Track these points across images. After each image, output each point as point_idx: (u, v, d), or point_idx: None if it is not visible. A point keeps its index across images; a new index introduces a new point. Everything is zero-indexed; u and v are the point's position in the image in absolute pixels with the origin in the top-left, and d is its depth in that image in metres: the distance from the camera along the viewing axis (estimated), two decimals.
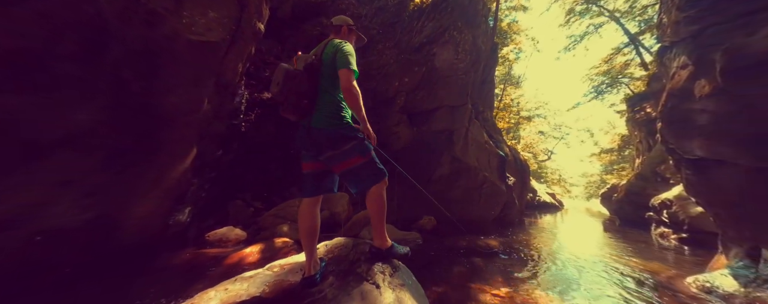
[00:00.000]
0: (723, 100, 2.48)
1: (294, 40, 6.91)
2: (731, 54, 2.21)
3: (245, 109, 5.12)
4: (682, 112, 3.09)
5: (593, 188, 30.14)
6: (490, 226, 6.00)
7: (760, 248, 2.43)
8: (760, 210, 2.50)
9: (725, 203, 2.89)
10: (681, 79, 3.07)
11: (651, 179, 8.73)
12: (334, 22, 1.65)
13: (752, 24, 2.43)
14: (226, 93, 3.95)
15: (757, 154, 2.42)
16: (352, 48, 1.44)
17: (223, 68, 3.43)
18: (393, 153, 5.67)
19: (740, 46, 2.16)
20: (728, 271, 2.53)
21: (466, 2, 6.38)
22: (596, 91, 16.78)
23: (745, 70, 2.14)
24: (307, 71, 1.35)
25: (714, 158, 2.89)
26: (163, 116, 2.83)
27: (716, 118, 2.66)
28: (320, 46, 1.48)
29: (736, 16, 2.62)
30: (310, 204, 1.42)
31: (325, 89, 1.39)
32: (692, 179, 3.27)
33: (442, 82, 5.92)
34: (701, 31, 2.91)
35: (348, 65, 1.34)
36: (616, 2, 14.49)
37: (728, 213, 2.88)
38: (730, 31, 2.61)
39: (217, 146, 4.28)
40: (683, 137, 3.17)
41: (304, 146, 1.40)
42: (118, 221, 2.64)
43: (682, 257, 4.28)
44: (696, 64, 2.87)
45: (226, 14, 3.15)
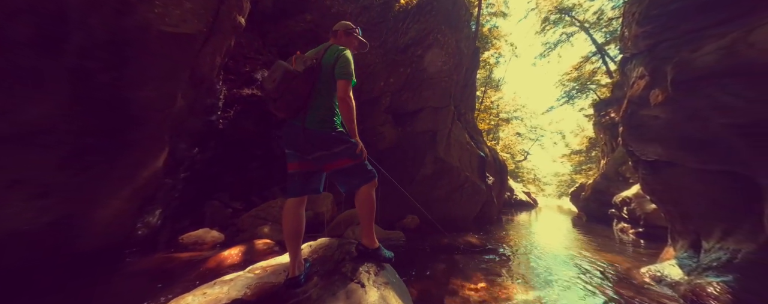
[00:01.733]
0: (673, 108, 2.77)
1: (276, 35, 6.70)
2: (679, 67, 2.48)
3: (223, 105, 4.88)
4: (639, 117, 3.41)
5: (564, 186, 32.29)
6: (470, 224, 6.23)
7: (701, 239, 2.75)
8: (702, 206, 2.83)
9: (675, 199, 3.24)
10: (639, 88, 3.39)
11: (614, 178, 9.51)
12: (333, 27, 1.66)
13: (697, 40, 2.75)
14: (202, 88, 3.75)
15: (700, 157, 2.74)
16: (352, 56, 1.45)
17: (198, 62, 3.26)
18: (378, 153, 5.70)
19: (687, 60, 2.44)
20: (675, 261, 2.85)
21: (450, 7, 6.55)
22: (568, 96, 17.93)
23: (690, 82, 2.42)
24: (306, 74, 1.34)
25: (666, 159, 3.22)
26: (132, 111, 2.64)
27: (668, 124, 2.96)
28: (321, 50, 1.48)
29: (684, 32, 2.94)
30: (295, 204, 1.41)
31: (321, 93, 1.39)
32: (648, 179, 3.62)
33: (426, 84, 6.05)
34: (656, 45, 3.23)
35: (347, 76, 1.36)
36: (585, 14, 15.53)
37: (677, 209, 3.23)
38: (680, 46, 2.93)
39: (192, 144, 4.05)
40: (640, 141, 3.50)
41: (294, 145, 1.39)
42: (81, 224, 2.43)
43: (639, 250, 4.73)
44: (651, 75, 3.18)
45: (203, 5, 2.99)
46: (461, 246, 3.86)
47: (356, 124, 1.44)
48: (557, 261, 3.64)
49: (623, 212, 7.13)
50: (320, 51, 1.47)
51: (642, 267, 3.14)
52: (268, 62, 5.98)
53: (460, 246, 3.79)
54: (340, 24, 1.66)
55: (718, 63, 2.23)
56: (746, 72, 2.06)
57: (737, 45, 2.14)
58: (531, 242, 5.10)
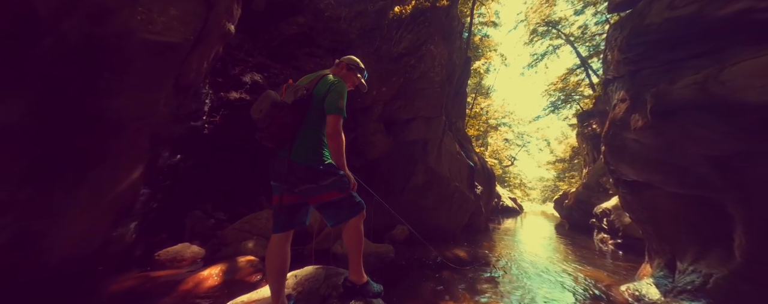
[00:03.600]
0: (652, 134, 2.90)
1: (268, 36, 6.54)
2: (657, 98, 2.60)
3: (209, 110, 4.70)
4: (620, 139, 3.55)
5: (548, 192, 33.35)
6: (458, 234, 6.29)
7: (676, 260, 2.88)
8: (676, 228, 2.97)
9: (651, 219, 3.38)
10: (620, 111, 3.54)
11: (595, 189, 9.89)
12: (341, 58, 1.62)
13: (674, 71, 2.89)
14: (188, 94, 3.60)
15: (676, 181, 2.88)
16: (346, 89, 1.40)
17: (184, 69, 3.12)
18: (370, 162, 5.67)
19: (665, 91, 2.56)
20: (652, 280, 2.96)
21: (443, 18, 6.64)
22: (553, 106, 18.57)
23: (667, 113, 2.54)
24: (296, 106, 1.29)
25: (644, 181, 3.36)
26: (107, 122, 2.49)
27: (647, 148, 3.10)
28: (313, 79, 1.42)
29: (663, 62, 3.10)
30: (281, 241, 1.35)
31: (310, 124, 1.34)
32: (627, 198, 3.77)
33: (418, 94, 6.08)
34: (637, 72, 3.38)
35: (337, 110, 1.31)
36: (571, 27, 16.19)
37: (653, 229, 3.37)
38: (658, 75, 3.08)
39: (174, 152, 3.87)
40: (621, 161, 3.64)
41: (280, 177, 1.33)
42: (45, 242, 2.25)
43: (618, 263, 4.92)
44: (632, 100, 3.32)
45: (190, 13, 2.87)
46: (449, 261, 3.88)
47: (345, 158, 1.40)
48: (543, 279, 3.72)
49: (603, 223, 7.41)
50: (314, 80, 1.41)
51: (622, 285, 3.25)
52: (259, 65, 5.82)
53: (448, 261, 3.81)
54: (349, 58, 1.62)
55: (693, 97, 2.35)
56: (718, 108, 2.19)
57: (709, 82, 2.26)
58: (517, 255, 5.20)
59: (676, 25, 2.88)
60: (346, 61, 1.59)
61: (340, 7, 8.24)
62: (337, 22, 7.61)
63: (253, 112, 1.31)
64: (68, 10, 2.11)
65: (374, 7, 7.78)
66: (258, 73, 5.76)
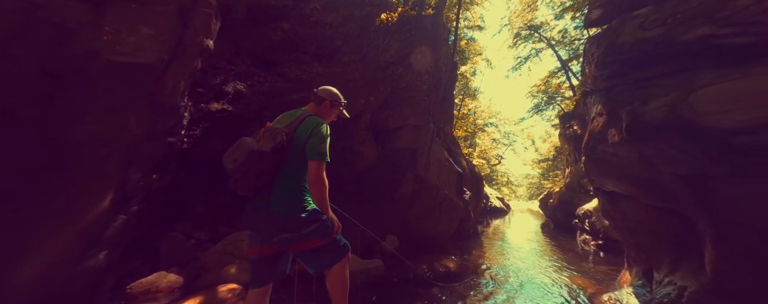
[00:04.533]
0: (628, 149, 3.02)
1: (251, 42, 6.33)
2: (631, 118, 2.71)
3: (189, 122, 4.48)
4: (599, 152, 3.68)
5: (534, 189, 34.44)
6: (448, 241, 6.34)
7: (653, 269, 3.02)
8: (652, 239, 3.11)
9: (629, 229, 3.53)
10: (598, 124, 3.67)
11: (577, 189, 10.27)
12: (319, 93, 1.52)
13: (646, 89, 3.02)
14: (163, 111, 3.41)
15: (650, 195, 3.01)
16: (329, 132, 1.34)
17: (159, 88, 2.96)
18: (358, 173, 5.61)
19: (639, 111, 2.68)
20: (632, 289, 3.09)
21: (429, 26, 6.68)
22: (537, 107, 19.16)
23: (641, 132, 2.66)
24: (275, 152, 1.21)
25: (622, 192, 3.50)
26: (70, 149, 2.31)
27: (623, 162, 3.23)
28: (294, 120, 1.34)
29: (635, 80, 3.23)
30: (259, 296, 1.28)
31: (290, 170, 1.27)
32: (607, 207, 3.91)
33: (406, 103, 6.09)
34: (612, 87, 3.52)
35: (320, 156, 1.26)
36: (552, 32, 16.74)
37: (631, 238, 3.52)
38: (632, 92, 3.21)
39: (149, 171, 3.66)
40: (600, 172, 3.78)
41: (257, 228, 1.26)
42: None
43: (599, 267, 5.12)
44: (609, 115, 3.45)
45: (163, 31, 2.71)
46: (439, 276, 3.90)
47: (328, 203, 1.35)
48: (533, 289, 3.80)
49: (585, 225, 7.70)
50: (294, 122, 1.34)
51: (604, 294, 3.37)
52: (241, 73, 5.62)
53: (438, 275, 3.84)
54: (328, 92, 1.54)
55: (664, 118, 2.46)
56: (687, 130, 2.30)
57: (678, 105, 2.38)
58: (506, 263, 5.30)
59: (646, 45, 3.02)
60: (327, 98, 1.52)
61: (326, 12, 8.11)
62: (323, 28, 7.48)
63: (226, 162, 1.24)
64: (20, 33, 1.94)
65: (361, 13, 7.72)
66: (241, 81, 5.56)
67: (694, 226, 2.51)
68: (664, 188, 2.74)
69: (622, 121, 3.01)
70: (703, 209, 2.32)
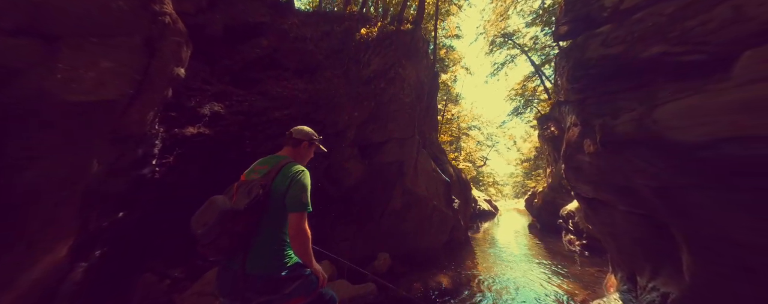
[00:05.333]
0: (602, 160, 3.17)
1: (228, 61, 6.12)
2: (603, 131, 2.85)
3: (161, 150, 4.18)
4: (577, 160, 3.84)
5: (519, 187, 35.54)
6: (440, 252, 6.31)
7: (636, 274, 3.13)
8: (632, 244, 3.24)
9: (610, 234, 3.66)
10: (574, 134, 3.84)
11: (559, 189, 10.67)
12: (295, 135, 1.40)
13: (614, 102, 3.20)
14: (130, 144, 3.17)
15: (627, 202, 3.15)
16: (309, 179, 1.24)
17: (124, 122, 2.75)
18: (345, 190, 5.49)
19: (610, 125, 2.83)
20: (619, 295, 3.19)
21: (408, 41, 6.80)
22: (516, 110, 19.98)
23: (613, 144, 2.80)
24: (251, 210, 1.09)
25: (600, 199, 3.64)
26: (14, 199, 2.07)
27: (600, 170, 3.37)
28: (271, 170, 1.21)
29: (603, 93, 3.43)
30: None
31: (268, 226, 1.16)
32: (588, 213, 4.06)
33: (390, 116, 6.10)
34: (584, 100, 3.71)
35: (302, 207, 1.15)
36: (524, 38, 17.63)
37: (613, 243, 3.65)
38: (601, 105, 3.39)
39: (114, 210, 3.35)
40: (578, 180, 3.93)
41: (231, 293, 1.14)
42: None
43: (586, 269, 5.28)
44: (583, 125, 3.62)
45: (127, 64, 2.53)
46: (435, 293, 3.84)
47: (312, 254, 1.26)
48: (524, 292, 3.83)
49: (569, 225, 7.97)
50: (271, 171, 1.22)
51: (594, 301, 3.46)
52: (219, 93, 5.37)
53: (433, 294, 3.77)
54: (303, 132, 1.43)
55: (632, 132, 2.61)
56: (653, 144, 2.44)
57: (645, 119, 2.53)
58: (499, 271, 5.34)
59: (610, 61, 3.22)
60: (304, 138, 1.42)
61: (305, 27, 8.06)
62: (303, 43, 7.41)
63: (194, 226, 1.12)
64: None
65: (341, 28, 7.74)
66: (219, 102, 5.30)
67: (670, 233, 2.64)
68: (639, 196, 2.88)
69: (595, 132, 3.16)
70: (675, 217, 2.45)
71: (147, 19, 2.46)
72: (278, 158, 1.31)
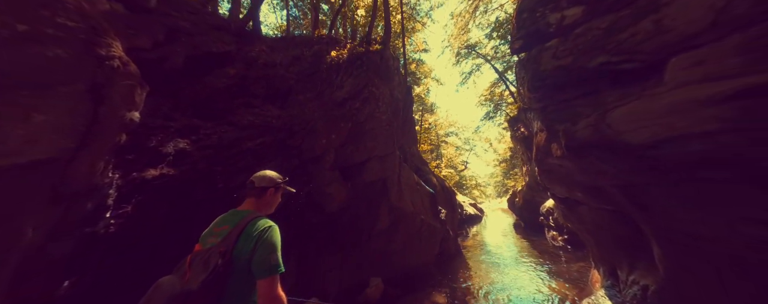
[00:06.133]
0: (570, 161, 3.38)
1: (192, 92, 5.79)
2: (566, 137, 3.07)
3: (116, 200, 3.71)
4: (547, 164, 4.06)
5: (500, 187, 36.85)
6: (433, 268, 6.23)
7: (616, 269, 3.29)
8: (610, 239, 3.42)
9: (588, 231, 3.85)
10: (541, 139, 4.08)
11: (536, 187, 11.18)
12: (257, 183, 1.24)
13: (571, 109, 3.48)
14: (76, 200, 2.81)
15: (597, 200, 3.35)
16: (278, 235, 1.09)
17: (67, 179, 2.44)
18: (329, 216, 5.30)
19: (571, 131, 3.05)
20: (604, 291, 3.31)
21: (379, 61, 7.00)
22: (487, 115, 21.10)
23: (576, 149, 3.01)
24: (209, 286, 0.93)
25: (573, 198, 3.84)
26: None
27: (568, 171, 3.58)
28: (233, 229, 1.06)
29: (561, 101, 3.72)
30: None
31: (234, 298, 1.01)
32: (564, 211, 4.26)
33: (368, 135, 6.11)
34: (546, 107, 4.00)
35: (272, 271, 1.00)
36: (486, 48, 18.94)
37: (591, 238, 3.83)
38: (560, 112, 3.67)
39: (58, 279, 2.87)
40: (552, 182, 4.14)
41: None
42: None
43: (570, 265, 5.48)
44: (548, 131, 3.87)
45: (68, 115, 2.24)
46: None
47: None
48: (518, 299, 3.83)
49: (550, 221, 8.32)
50: (233, 232, 1.07)
51: (583, 300, 3.56)
52: (183, 128, 5.01)
53: None
54: (267, 178, 1.28)
55: (591, 137, 2.83)
56: (610, 147, 2.66)
57: (599, 124, 2.76)
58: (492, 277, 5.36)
59: (562, 72, 3.52)
60: (269, 184, 1.27)
61: (275, 52, 8.01)
62: (273, 69, 7.31)
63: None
64: None
65: (310, 52, 7.79)
66: (184, 138, 4.92)
67: (639, 227, 2.83)
68: (606, 194, 3.08)
69: (560, 137, 3.39)
70: (640, 213, 2.65)
71: (92, 64, 2.27)
72: (239, 213, 1.16)
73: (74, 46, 2.14)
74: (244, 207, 1.23)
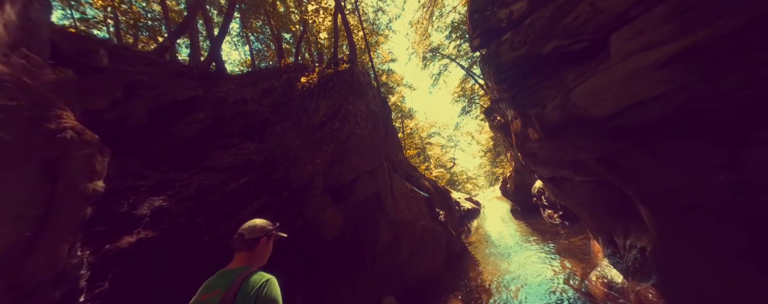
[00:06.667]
0: (548, 144, 3.53)
1: (162, 145, 5.45)
2: (539, 120, 3.22)
3: (89, 279, 3.27)
4: (528, 148, 4.21)
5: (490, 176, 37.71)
6: (443, 273, 6.13)
7: (613, 236, 3.39)
8: (600, 209, 3.55)
9: (580, 205, 3.98)
10: (518, 126, 4.24)
11: (523, 171, 11.54)
12: (247, 235, 1.16)
13: (536, 93, 3.67)
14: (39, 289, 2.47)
15: (580, 173, 3.49)
16: (278, 289, 1.03)
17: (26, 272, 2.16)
18: (327, 244, 5.10)
19: (542, 115, 3.20)
20: (608, 260, 3.39)
21: (349, 79, 7.08)
22: (463, 110, 21.80)
23: (549, 130, 3.15)
24: None
25: (559, 176, 3.98)
26: None
27: (549, 152, 3.73)
28: (227, 293, 0.96)
29: (526, 87, 3.92)
30: None
31: None
32: (553, 190, 4.39)
33: (353, 153, 6.05)
34: (514, 96, 4.19)
35: None
36: (449, 49, 19.80)
37: (585, 211, 3.96)
38: (528, 97, 3.86)
39: None
40: (535, 164, 4.29)
41: None
42: None
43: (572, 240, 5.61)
44: (522, 117, 4.04)
45: (17, 200, 2.00)
46: None
47: None
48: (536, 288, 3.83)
49: (543, 201, 8.55)
50: (227, 296, 0.96)
51: (591, 272, 3.62)
52: (157, 185, 4.62)
53: None
54: (257, 227, 1.20)
55: (560, 117, 2.98)
56: (580, 123, 2.80)
57: (566, 104, 2.92)
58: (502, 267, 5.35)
59: (522, 61, 3.73)
60: (260, 233, 1.20)
61: (244, 88, 7.87)
62: (244, 105, 7.16)
63: None
64: None
65: (280, 82, 7.75)
66: (159, 195, 4.50)
67: (625, 193, 2.97)
68: (588, 167, 3.22)
69: (534, 122, 3.54)
70: (622, 179, 2.78)
71: (40, 141, 2.09)
72: (231, 273, 1.07)
73: (17, 125, 1.96)
74: (233, 265, 1.14)
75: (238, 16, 11.13)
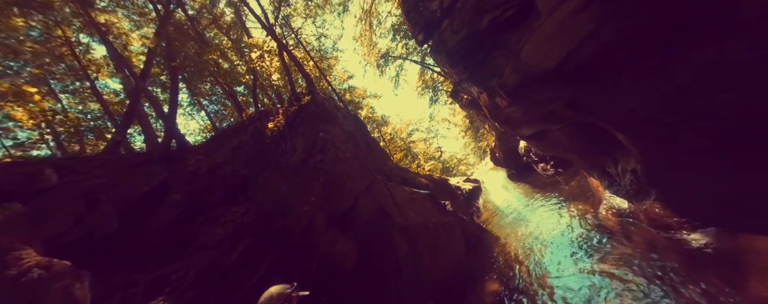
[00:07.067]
0: (518, 107, 3.77)
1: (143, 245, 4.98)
2: (502, 87, 3.45)
3: None
4: (502, 115, 4.45)
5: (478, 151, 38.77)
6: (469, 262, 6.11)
7: (606, 168, 3.64)
8: (586, 147, 3.80)
9: (566, 150, 4.23)
10: (485, 99, 4.48)
11: (505, 136, 12.03)
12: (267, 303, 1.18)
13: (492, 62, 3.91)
14: None
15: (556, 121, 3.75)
16: None
17: None
18: (349, 273, 4.95)
19: (503, 82, 3.44)
20: (609, 191, 3.61)
21: (315, 109, 7.11)
22: (431, 100, 22.51)
23: (514, 93, 3.38)
24: None
25: (539, 130, 4.23)
26: None
27: (520, 113, 3.98)
28: None
29: (481, 63, 4.18)
30: None
31: None
32: (538, 145, 4.65)
33: (343, 178, 6.02)
34: (472, 73, 4.45)
35: None
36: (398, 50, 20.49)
37: (573, 155, 4.22)
38: (484, 69, 4.11)
39: None
40: (514, 127, 4.53)
41: None
42: None
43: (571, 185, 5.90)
44: (486, 91, 4.28)
45: None
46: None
47: None
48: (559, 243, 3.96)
49: (532, 156, 8.95)
50: None
51: (599, 207, 3.83)
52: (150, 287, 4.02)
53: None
54: (274, 298, 1.22)
55: (519, 79, 3.20)
56: (537, 79, 3.04)
57: (518, 66, 3.16)
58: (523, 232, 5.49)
59: (467, 41, 3.99)
60: None
61: (214, 153, 7.60)
62: (219, 169, 6.89)
63: None
64: None
65: (247, 135, 7.58)
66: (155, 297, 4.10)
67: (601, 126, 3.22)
68: (559, 114, 3.46)
69: (498, 91, 3.76)
70: (593, 116, 3.03)
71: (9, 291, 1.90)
72: None
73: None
74: None
75: (184, 86, 10.85)
